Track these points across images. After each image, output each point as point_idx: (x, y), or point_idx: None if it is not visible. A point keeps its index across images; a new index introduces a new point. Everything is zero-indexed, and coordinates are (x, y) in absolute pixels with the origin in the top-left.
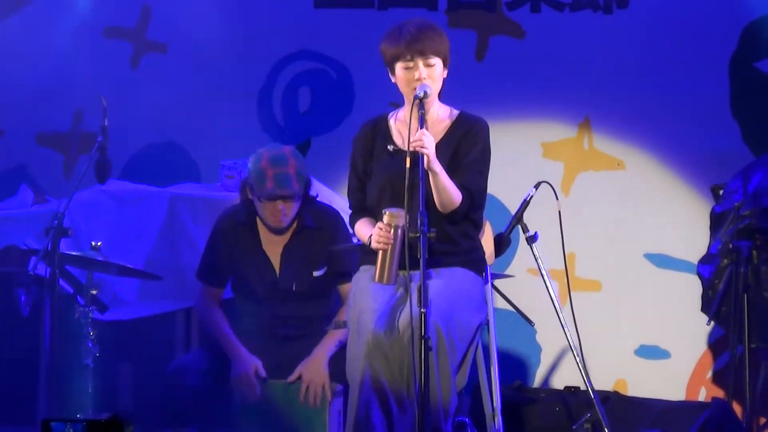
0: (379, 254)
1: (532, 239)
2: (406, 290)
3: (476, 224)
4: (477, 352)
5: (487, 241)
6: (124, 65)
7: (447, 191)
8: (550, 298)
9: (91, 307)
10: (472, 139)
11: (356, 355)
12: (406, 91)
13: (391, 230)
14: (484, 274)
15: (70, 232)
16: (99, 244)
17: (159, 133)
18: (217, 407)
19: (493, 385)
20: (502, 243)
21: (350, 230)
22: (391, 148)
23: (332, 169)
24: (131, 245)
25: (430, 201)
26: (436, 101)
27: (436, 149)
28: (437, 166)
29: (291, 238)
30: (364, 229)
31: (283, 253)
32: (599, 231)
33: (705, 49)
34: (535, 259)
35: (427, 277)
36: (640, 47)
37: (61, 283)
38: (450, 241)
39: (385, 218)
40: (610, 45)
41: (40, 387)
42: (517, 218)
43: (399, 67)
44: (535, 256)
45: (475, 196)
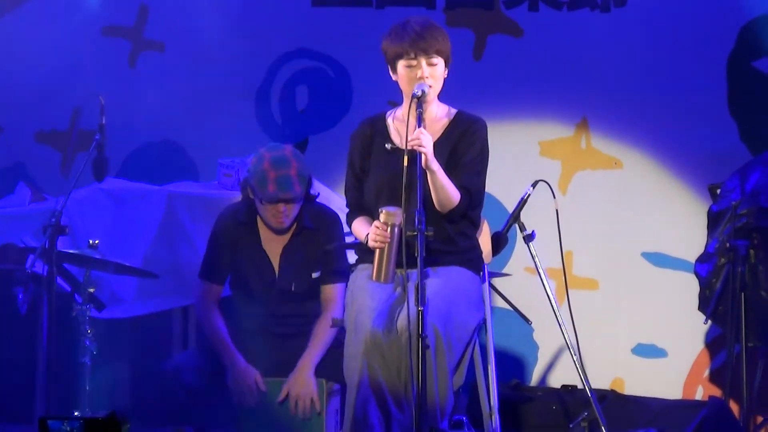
0: (376, 253)
1: (529, 238)
2: (405, 290)
3: (474, 223)
4: (474, 350)
5: (485, 240)
6: (122, 64)
7: (445, 190)
8: (548, 297)
9: (88, 305)
10: (471, 139)
11: (354, 353)
12: (407, 90)
13: (388, 229)
14: (481, 273)
15: (68, 230)
16: (96, 242)
17: (157, 131)
18: (214, 406)
19: (491, 384)
20: (500, 242)
21: (348, 230)
22: (389, 146)
23: (330, 167)
24: (129, 243)
25: (427, 199)
26: (435, 100)
27: (434, 148)
28: (435, 165)
29: (290, 239)
30: (361, 228)
31: (283, 254)
32: (596, 230)
33: (703, 48)
34: (533, 258)
35: (424, 275)
36: (638, 46)
37: (59, 281)
38: (448, 240)
39: (382, 217)
40: (608, 44)
41: (38, 385)
42: (515, 217)
43: (401, 65)
44: (532, 254)
45: (473, 196)
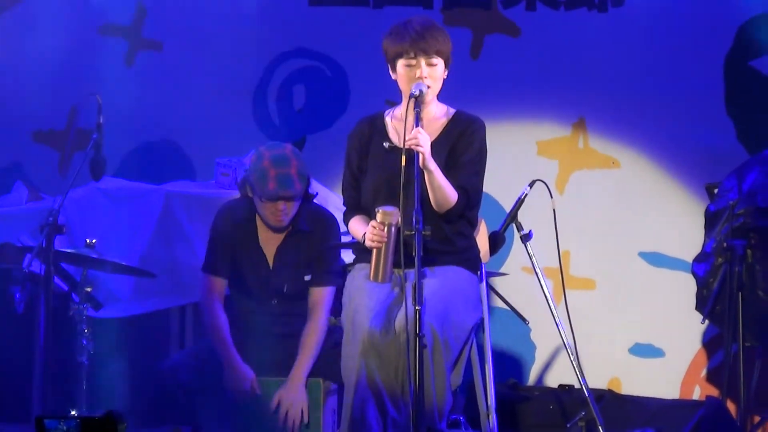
0: (374, 252)
1: (526, 237)
2: (402, 289)
3: (471, 223)
4: (472, 350)
5: (482, 240)
6: (119, 63)
7: (442, 190)
8: (545, 297)
9: (85, 305)
10: (469, 139)
11: (351, 353)
12: (406, 89)
13: (385, 228)
14: (479, 273)
15: (65, 230)
16: (94, 241)
17: (154, 130)
18: (211, 405)
19: (488, 383)
20: (497, 241)
21: (345, 230)
22: (386, 145)
23: (327, 167)
24: (126, 243)
25: (425, 199)
26: (434, 100)
27: (433, 148)
28: (432, 165)
29: (284, 239)
30: (359, 227)
31: (277, 254)
32: (594, 229)
33: (700, 47)
34: (530, 258)
35: (422, 275)
36: (635, 46)
37: (56, 280)
38: (445, 240)
39: (379, 216)
40: (606, 43)
41: (35, 384)
42: (512, 216)
43: (401, 64)
44: (529, 254)
45: (470, 196)
